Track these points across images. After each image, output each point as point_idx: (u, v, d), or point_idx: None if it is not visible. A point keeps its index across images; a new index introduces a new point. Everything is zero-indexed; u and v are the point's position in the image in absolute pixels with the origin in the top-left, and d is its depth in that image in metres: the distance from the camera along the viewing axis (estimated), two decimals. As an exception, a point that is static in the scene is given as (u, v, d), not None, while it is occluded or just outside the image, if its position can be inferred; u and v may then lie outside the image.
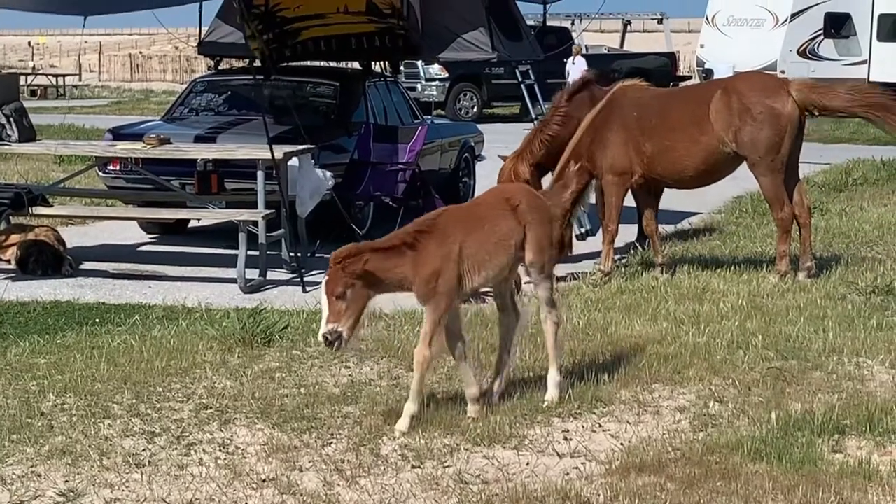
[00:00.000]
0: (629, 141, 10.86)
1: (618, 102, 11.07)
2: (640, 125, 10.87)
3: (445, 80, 33.30)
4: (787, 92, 10.54)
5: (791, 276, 10.59)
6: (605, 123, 10.96)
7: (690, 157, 10.75)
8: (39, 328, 9.43)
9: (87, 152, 13.47)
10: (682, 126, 10.75)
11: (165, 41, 71.89)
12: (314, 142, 12.24)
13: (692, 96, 11.34)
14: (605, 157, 10.93)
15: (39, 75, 49.50)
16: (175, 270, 11.89)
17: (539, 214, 7.01)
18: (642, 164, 10.88)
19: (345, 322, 6.40)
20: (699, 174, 10.93)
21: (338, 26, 13.55)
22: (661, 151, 10.80)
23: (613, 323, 8.99)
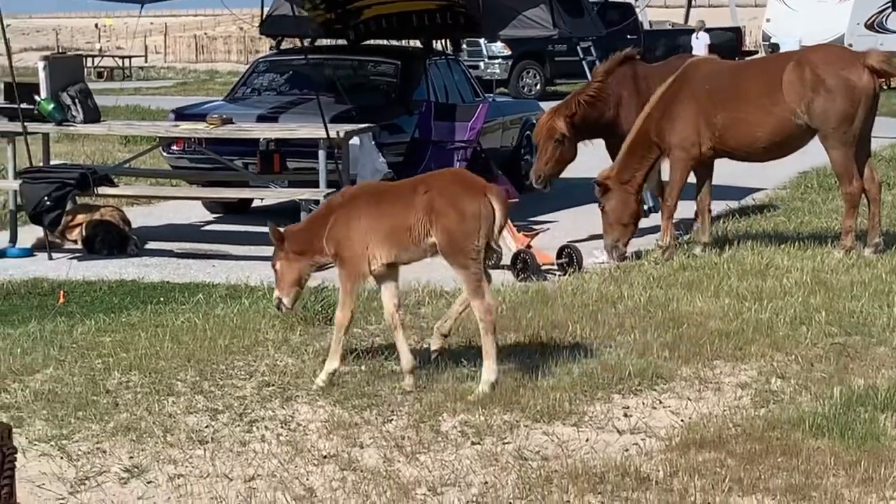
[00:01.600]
0: (700, 114, 10.78)
1: (689, 76, 11.02)
2: (712, 97, 10.79)
3: (508, 58, 33.23)
4: (863, 64, 10.42)
5: (856, 251, 10.49)
6: (676, 97, 10.90)
7: (762, 129, 10.66)
8: (105, 307, 9.55)
9: (151, 133, 13.59)
10: (755, 97, 10.67)
11: (230, 22, 72.19)
12: (375, 121, 12.26)
13: (765, 68, 11.25)
14: (675, 131, 10.85)
15: (106, 57, 49.98)
16: (238, 249, 11.98)
17: (451, 203, 6.84)
18: (713, 136, 10.80)
19: (285, 291, 7.20)
20: (770, 146, 10.83)
21: (399, 3, 13.59)
22: (733, 123, 10.72)
23: (675, 299, 8.95)
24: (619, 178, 11.03)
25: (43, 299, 9.92)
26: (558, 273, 10.60)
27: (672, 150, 10.91)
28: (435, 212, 6.84)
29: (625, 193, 11.02)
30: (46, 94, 12.03)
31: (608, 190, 11.02)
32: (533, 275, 10.41)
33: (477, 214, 6.79)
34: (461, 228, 6.80)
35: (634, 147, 11.04)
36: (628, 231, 11.11)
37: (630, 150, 11.05)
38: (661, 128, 10.90)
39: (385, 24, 13.84)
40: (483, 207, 6.81)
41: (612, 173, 11.07)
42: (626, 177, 11.03)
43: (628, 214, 11.07)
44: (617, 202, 11.02)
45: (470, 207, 6.81)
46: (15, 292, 10.16)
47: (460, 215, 6.81)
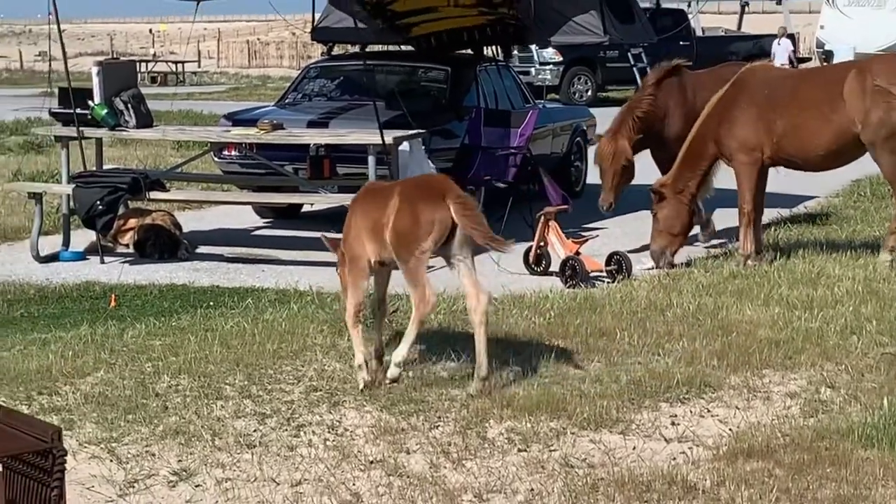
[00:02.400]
0: (760, 119, 10.72)
1: (746, 82, 10.96)
2: (771, 103, 10.73)
3: (559, 64, 33.19)
4: None
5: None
6: (734, 103, 10.84)
7: (821, 137, 10.59)
8: (155, 311, 9.63)
9: (202, 138, 13.68)
10: (814, 104, 10.60)
11: (282, 27, 72.55)
12: (425, 127, 12.28)
13: (825, 76, 11.19)
14: (735, 136, 10.80)
15: (160, 62, 50.33)
16: (288, 254, 12.04)
17: (408, 207, 7.03)
18: (772, 143, 10.74)
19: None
20: (829, 155, 10.76)
21: (449, 20, 13.59)
22: (792, 130, 10.65)
23: (724, 307, 8.91)
24: (673, 187, 11.03)
25: (94, 303, 10.02)
26: (607, 280, 10.58)
27: (735, 156, 10.85)
28: (395, 212, 7.07)
29: (678, 203, 11.01)
30: (100, 99, 12.14)
31: (663, 198, 11.01)
32: (581, 282, 10.40)
33: (430, 220, 6.97)
34: (411, 231, 7.00)
35: (689, 155, 11.01)
36: (677, 241, 11.09)
37: (685, 158, 11.03)
38: (719, 134, 10.85)
39: (434, 42, 13.85)
40: (438, 214, 6.96)
41: (668, 181, 11.05)
42: (680, 186, 11.02)
43: (680, 224, 11.06)
44: (670, 211, 11.01)
45: (424, 213, 6.98)
46: (67, 295, 10.27)
47: (413, 218, 7.00)
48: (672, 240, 11.07)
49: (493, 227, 9.22)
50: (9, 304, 9.92)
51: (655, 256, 11.08)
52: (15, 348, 8.22)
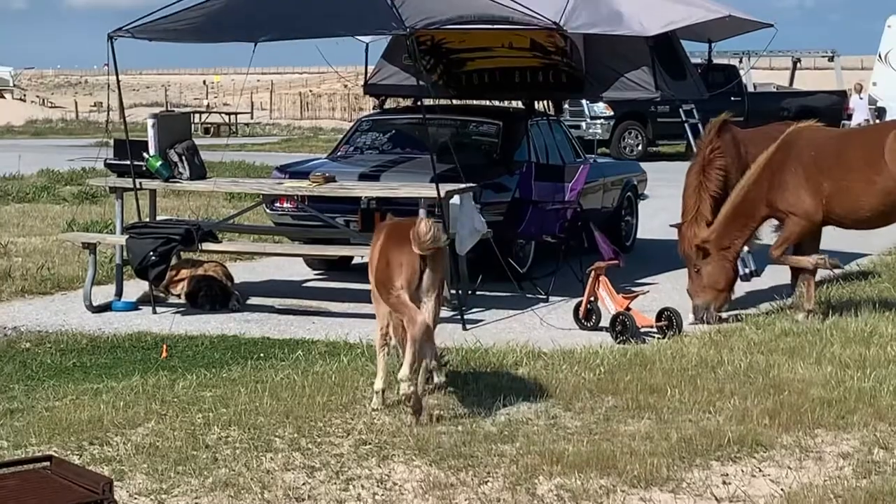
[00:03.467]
0: (809, 180, 10.77)
1: (794, 143, 11.00)
2: (818, 165, 10.80)
3: (610, 119, 33.23)
4: None
5: None
6: (784, 165, 10.89)
7: (867, 197, 10.66)
8: (206, 361, 9.68)
9: (255, 190, 13.77)
10: (858, 166, 10.68)
11: (334, 79, 73.13)
12: (476, 180, 12.31)
13: (868, 136, 11.24)
14: (787, 198, 10.83)
15: (213, 113, 50.83)
16: (338, 306, 12.08)
17: (382, 249, 7.75)
18: (821, 204, 10.78)
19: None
20: (876, 215, 10.84)
21: (503, 59, 13.76)
22: (839, 191, 10.73)
23: (776, 366, 8.85)
24: (718, 244, 11.01)
25: (146, 353, 10.08)
26: (658, 336, 10.54)
27: (790, 216, 10.87)
28: (377, 253, 7.77)
29: (723, 259, 11.00)
30: (155, 151, 12.26)
31: (707, 253, 10.99)
32: (632, 337, 10.37)
33: (399, 263, 7.55)
34: (384, 272, 7.64)
35: (737, 214, 11.00)
36: (722, 297, 11.09)
37: (733, 216, 11.01)
38: (772, 198, 10.88)
39: (488, 79, 14.00)
40: (406, 257, 7.50)
41: (713, 237, 11.02)
42: (725, 243, 11.01)
43: (725, 280, 11.06)
44: (714, 267, 11.02)
45: (394, 255, 7.59)
46: (119, 346, 10.34)
47: (384, 260, 7.66)
48: (717, 295, 11.07)
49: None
50: (62, 354, 10.00)
51: (698, 312, 11.07)
52: (67, 398, 8.27)
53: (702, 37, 15.91)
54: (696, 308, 11.09)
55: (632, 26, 13.12)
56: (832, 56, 38.92)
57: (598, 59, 13.62)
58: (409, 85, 14.28)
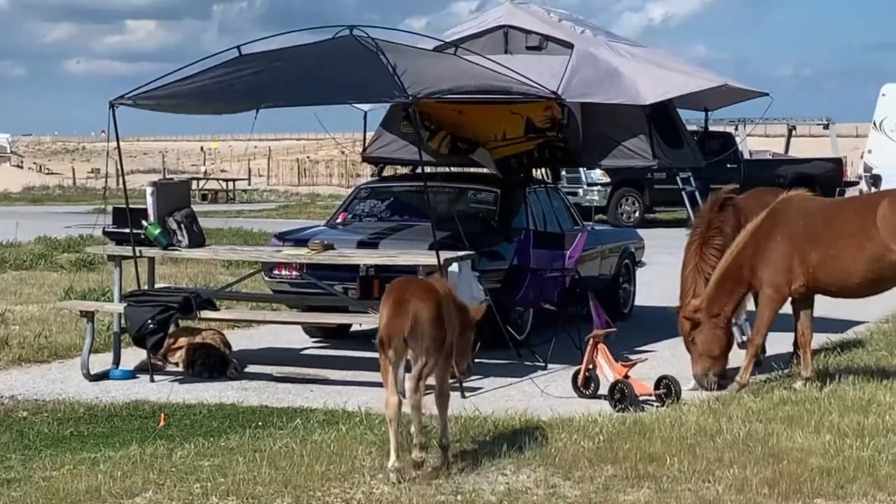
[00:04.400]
0: (794, 251, 10.81)
1: (783, 212, 11.04)
2: (807, 234, 10.83)
3: (607, 185, 33.33)
4: None
5: None
6: (770, 234, 10.92)
7: (856, 265, 10.68)
8: (204, 430, 9.66)
9: (254, 258, 13.80)
10: (849, 233, 10.70)
11: (332, 146, 73.41)
12: (474, 248, 12.35)
13: (859, 204, 11.31)
14: (767, 269, 10.86)
15: (210, 180, 50.94)
16: (336, 374, 12.07)
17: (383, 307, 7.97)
18: (807, 273, 10.80)
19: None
20: (865, 283, 10.85)
21: (497, 150, 13.75)
22: (827, 259, 10.75)
23: (775, 434, 8.84)
24: (708, 311, 11.06)
25: (144, 422, 10.06)
26: (656, 404, 10.53)
27: (763, 288, 10.91)
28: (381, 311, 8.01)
29: (715, 327, 11.04)
30: (154, 218, 12.30)
31: (697, 323, 11.05)
32: (630, 405, 10.36)
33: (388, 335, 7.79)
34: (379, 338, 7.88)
35: (725, 281, 11.04)
36: (719, 363, 11.12)
37: (720, 283, 11.05)
38: (754, 264, 10.92)
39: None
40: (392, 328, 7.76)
41: (703, 306, 11.06)
42: (715, 310, 11.05)
43: (719, 346, 11.10)
44: (707, 335, 11.08)
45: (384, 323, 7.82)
46: (117, 414, 10.32)
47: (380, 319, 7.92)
48: (713, 362, 11.10)
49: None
50: (59, 423, 9.98)
51: (699, 380, 11.11)
52: (64, 468, 8.25)
53: (698, 105, 16.03)
54: (697, 377, 11.13)
55: (629, 95, 13.22)
56: (827, 123, 39.08)
57: (596, 127, 13.69)
58: (408, 153, 14.36)
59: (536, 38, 14.04)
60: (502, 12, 14.49)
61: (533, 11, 14.50)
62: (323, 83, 12.00)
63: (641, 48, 14.78)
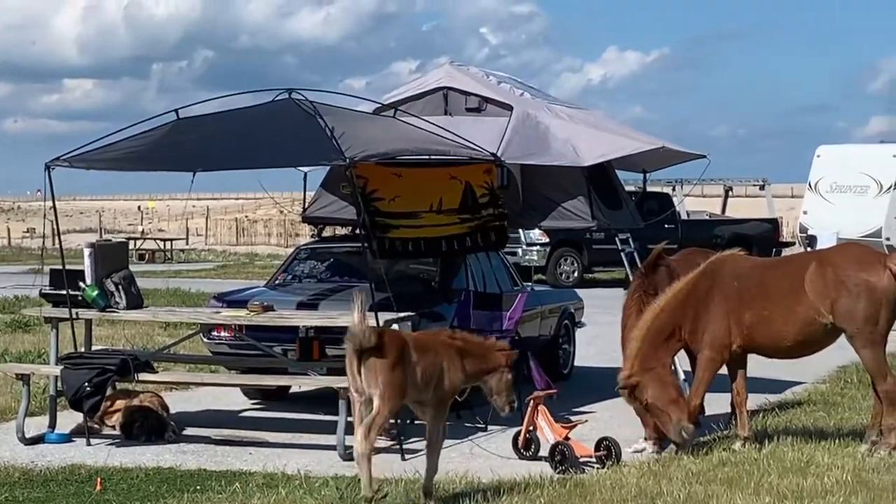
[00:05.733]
0: (730, 312, 10.87)
1: (718, 273, 11.10)
2: (740, 295, 10.90)
3: (546, 245, 33.48)
4: (884, 265, 10.53)
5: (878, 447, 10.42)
6: (708, 295, 10.96)
7: (788, 328, 10.75)
8: (141, 495, 9.55)
9: (192, 319, 13.71)
10: (780, 296, 10.78)
11: (271, 205, 73.28)
12: (414, 309, 12.33)
13: (788, 267, 11.31)
14: (707, 330, 10.89)
15: (148, 239, 50.67)
16: (276, 437, 11.98)
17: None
18: (742, 334, 10.87)
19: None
20: (797, 345, 10.93)
21: (428, 228, 13.41)
22: (760, 321, 10.82)
23: (715, 496, 8.87)
24: (644, 367, 10.82)
25: (80, 486, 9.92)
26: (597, 465, 10.53)
27: (703, 350, 10.93)
28: None
29: (657, 376, 10.81)
30: (91, 280, 12.21)
31: (634, 388, 10.86)
32: (571, 467, 10.35)
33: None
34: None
35: (655, 338, 10.93)
36: (683, 405, 10.79)
37: (650, 341, 10.91)
38: (695, 327, 10.92)
39: (412, 248, 13.66)
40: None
41: (634, 369, 10.88)
42: (651, 364, 10.85)
43: (674, 390, 10.84)
44: (655, 387, 10.78)
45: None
46: (53, 479, 10.16)
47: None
48: (678, 407, 10.74)
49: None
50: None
51: (676, 435, 10.72)
52: (-1, 533, 8.12)
53: (637, 167, 16.16)
54: (674, 434, 10.73)
55: (568, 157, 13.32)
56: (763, 184, 39.54)
57: (536, 188, 13.77)
58: (348, 213, 14.35)
59: (476, 100, 14.13)
60: (442, 74, 14.58)
61: (472, 73, 14.61)
62: (261, 147, 11.99)
63: (580, 110, 14.91)
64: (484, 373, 8.95)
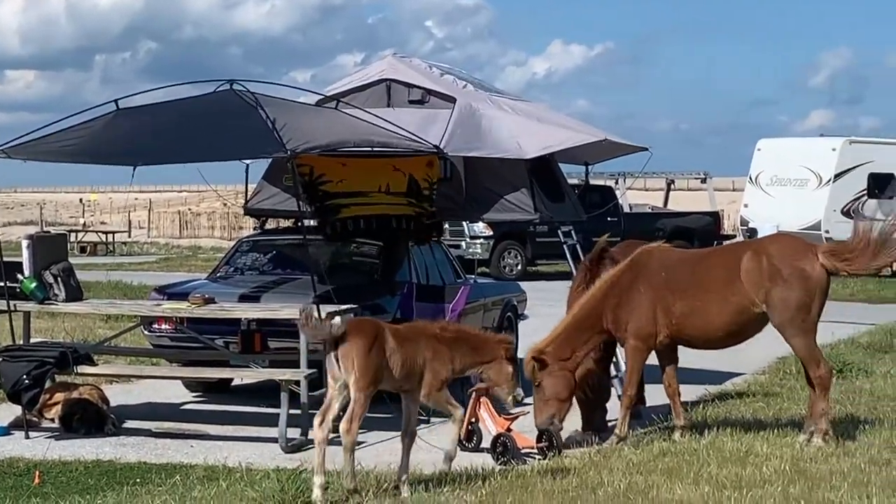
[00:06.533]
0: (657, 302, 10.88)
1: (644, 264, 11.11)
2: (670, 286, 10.91)
3: (490, 238, 33.54)
4: (815, 255, 10.64)
5: (832, 436, 10.50)
6: (632, 285, 10.98)
7: (721, 318, 10.79)
8: (80, 488, 9.48)
9: (133, 311, 13.62)
10: (714, 287, 10.81)
11: (214, 198, 72.92)
12: (357, 301, 12.32)
13: (722, 258, 11.34)
14: (632, 320, 10.93)
15: (90, 232, 50.26)
16: (217, 429, 11.93)
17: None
18: (670, 325, 10.88)
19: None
20: (727, 335, 10.98)
21: (378, 206, 13.56)
22: (692, 312, 10.83)
23: (655, 486, 8.90)
24: (557, 355, 10.87)
25: (18, 479, 9.83)
26: (538, 457, 10.56)
27: (628, 340, 10.99)
28: None
29: (563, 369, 10.85)
30: (30, 272, 12.10)
31: (545, 365, 10.89)
32: (513, 458, 10.38)
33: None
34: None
35: (579, 326, 11.01)
36: (566, 406, 10.91)
37: (576, 329, 11.00)
38: (617, 316, 10.96)
39: (363, 225, 13.74)
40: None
41: (550, 349, 10.91)
42: (565, 354, 10.89)
43: (567, 390, 10.89)
44: (555, 378, 10.80)
45: None
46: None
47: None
48: (560, 406, 10.83)
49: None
50: (-71, 482, 9.72)
51: (544, 426, 10.79)
52: (-65, 527, 8.04)
53: (579, 159, 16.22)
54: (542, 424, 10.80)
55: (510, 150, 13.35)
56: (705, 178, 39.84)
57: (479, 181, 13.78)
58: (290, 205, 14.30)
59: (419, 91, 14.12)
60: (385, 66, 14.56)
61: (415, 66, 14.59)
62: (201, 139, 11.93)
63: (523, 102, 14.94)
64: (478, 364, 9.26)
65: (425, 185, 13.34)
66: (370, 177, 13.44)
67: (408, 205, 13.53)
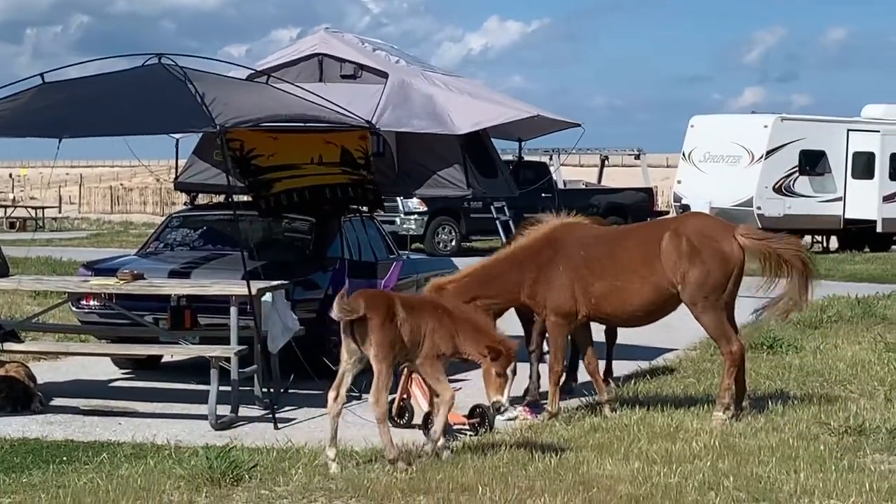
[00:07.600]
0: (576, 280, 10.85)
1: (562, 241, 11.03)
2: (589, 265, 10.88)
3: (424, 214, 33.52)
4: (734, 235, 10.69)
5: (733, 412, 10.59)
6: (551, 263, 10.93)
7: (641, 297, 10.79)
8: (6, 466, 9.34)
9: (60, 288, 13.45)
10: (633, 266, 10.79)
11: (146, 174, 72.34)
12: (288, 277, 12.25)
13: (640, 237, 11.28)
14: (550, 297, 10.91)
15: (19, 207, 49.68)
16: (146, 406, 11.82)
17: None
18: (589, 303, 10.87)
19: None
20: (648, 313, 11.00)
21: (311, 178, 13.43)
22: (611, 291, 10.81)
23: (585, 462, 8.92)
24: (458, 294, 10.67)
25: (-59, 458, 9.69)
26: (469, 433, 10.55)
27: (548, 316, 10.98)
28: None
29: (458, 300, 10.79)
30: (-46, 248, 11.92)
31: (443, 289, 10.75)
32: (444, 435, 10.33)
33: None
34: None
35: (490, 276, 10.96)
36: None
37: (484, 276, 10.96)
38: (535, 292, 10.94)
39: (297, 198, 13.64)
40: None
41: (452, 287, 10.79)
42: (466, 298, 10.64)
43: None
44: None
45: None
46: (-87, 451, 9.91)
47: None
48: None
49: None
50: None
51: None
52: None
53: (512, 135, 16.22)
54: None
55: (443, 125, 13.33)
56: (639, 154, 40.03)
57: (411, 156, 13.75)
58: (221, 180, 14.16)
59: (351, 66, 14.06)
60: (317, 40, 14.47)
61: (347, 40, 14.52)
62: (128, 112, 11.77)
63: (457, 78, 14.92)
64: (468, 354, 9.26)
65: (359, 154, 13.25)
66: (302, 149, 13.34)
67: (342, 173, 13.45)
